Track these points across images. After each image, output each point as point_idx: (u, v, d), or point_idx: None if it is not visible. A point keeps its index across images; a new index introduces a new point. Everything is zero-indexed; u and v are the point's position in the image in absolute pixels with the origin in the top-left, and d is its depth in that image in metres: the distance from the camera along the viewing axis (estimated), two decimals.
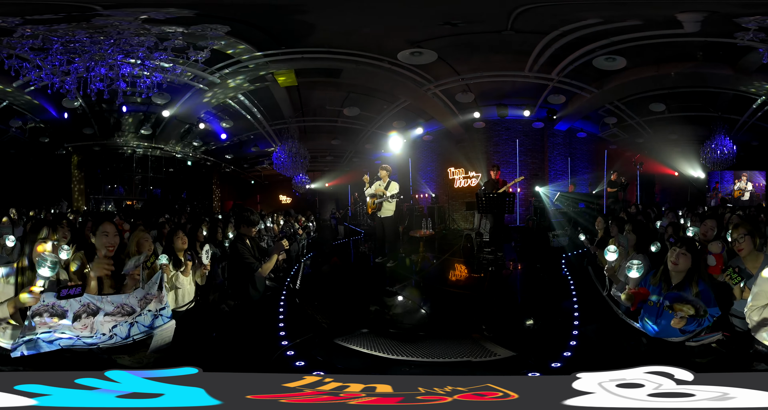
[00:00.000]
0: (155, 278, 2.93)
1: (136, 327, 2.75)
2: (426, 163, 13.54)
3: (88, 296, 2.67)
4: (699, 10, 6.72)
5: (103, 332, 2.65)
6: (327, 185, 15.52)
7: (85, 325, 2.63)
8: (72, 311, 2.61)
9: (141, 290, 2.84)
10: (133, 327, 2.74)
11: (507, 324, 4.11)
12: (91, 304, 2.67)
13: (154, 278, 2.93)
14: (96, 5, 5.98)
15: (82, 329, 2.61)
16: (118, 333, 2.68)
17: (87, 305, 2.65)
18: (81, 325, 2.62)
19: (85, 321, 2.64)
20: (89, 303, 2.66)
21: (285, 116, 11.76)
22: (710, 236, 4.07)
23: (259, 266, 4.16)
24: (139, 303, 2.81)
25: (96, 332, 2.64)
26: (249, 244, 4.34)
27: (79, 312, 2.63)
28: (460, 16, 7.22)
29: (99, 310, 2.67)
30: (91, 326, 2.64)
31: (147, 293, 2.85)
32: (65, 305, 2.59)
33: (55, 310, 2.57)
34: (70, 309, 2.60)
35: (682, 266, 2.98)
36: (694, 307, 2.77)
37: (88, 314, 2.65)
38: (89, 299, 2.67)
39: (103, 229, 2.90)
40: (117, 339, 2.67)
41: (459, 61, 9.17)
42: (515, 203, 8.80)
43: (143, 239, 3.37)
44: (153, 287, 2.90)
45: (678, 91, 10.25)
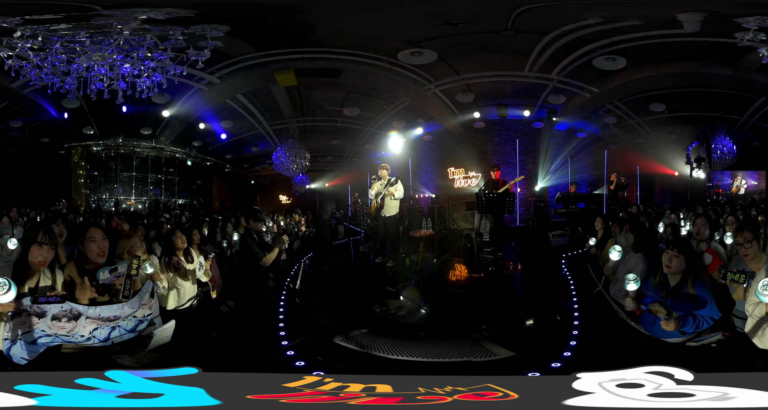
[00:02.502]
0: (146, 287, 2.85)
1: (117, 330, 2.66)
2: (426, 163, 13.54)
3: (71, 303, 2.59)
4: (699, 10, 6.73)
5: (82, 334, 2.57)
6: (327, 185, 15.52)
7: (64, 327, 2.56)
8: (51, 312, 2.54)
9: (135, 301, 2.75)
10: (114, 330, 2.66)
11: (507, 324, 4.11)
12: (74, 310, 2.59)
13: (146, 286, 2.86)
14: (96, 5, 5.98)
15: (60, 329, 2.55)
16: (97, 335, 2.60)
17: (69, 310, 2.58)
18: (60, 325, 2.55)
19: (65, 324, 2.57)
20: (71, 309, 2.58)
21: (285, 116, 11.76)
22: (704, 233, 4.08)
23: (263, 255, 4.77)
24: (132, 313, 2.73)
25: (75, 333, 2.57)
26: (256, 238, 4.90)
27: (59, 314, 2.55)
28: (460, 16, 7.22)
29: (80, 315, 2.59)
30: (70, 328, 2.57)
31: (140, 303, 2.77)
32: (44, 307, 2.52)
33: (34, 310, 2.51)
34: (49, 311, 2.54)
35: (675, 268, 2.99)
36: (665, 308, 2.80)
37: (69, 318, 2.57)
38: (72, 305, 2.59)
39: (90, 235, 2.81)
40: (95, 341, 2.59)
41: (459, 61, 9.17)
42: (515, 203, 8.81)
43: (131, 247, 3.32)
44: (145, 295, 2.82)
45: (678, 91, 10.25)
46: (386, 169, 6.83)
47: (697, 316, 2.88)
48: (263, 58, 8.87)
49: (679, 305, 2.94)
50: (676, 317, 2.79)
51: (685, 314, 2.89)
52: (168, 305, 3.74)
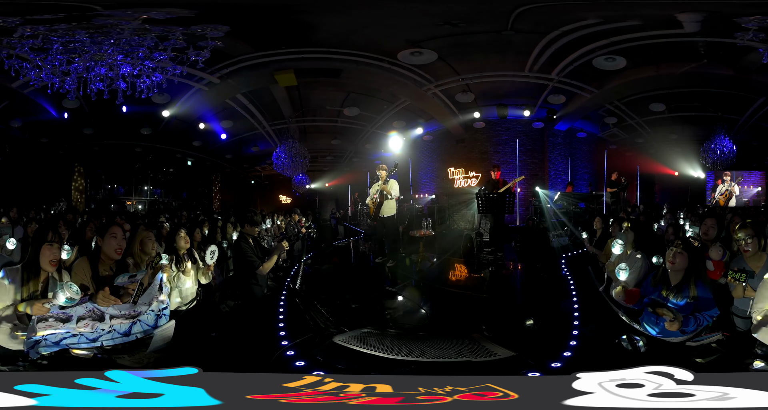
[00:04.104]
0: (156, 280, 2.93)
1: (138, 324, 2.75)
2: (426, 163, 13.54)
3: (94, 304, 2.70)
4: (699, 10, 6.72)
5: (103, 327, 2.66)
6: (327, 185, 15.53)
7: (87, 324, 2.64)
8: (76, 315, 2.63)
9: (146, 296, 2.85)
10: (135, 324, 2.74)
11: (507, 324, 4.11)
12: (96, 310, 2.69)
13: (155, 280, 2.93)
14: (96, 5, 5.98)
15: (84, 327, 2.63)
16: (117, 328, 2.69)
17: (92, 310, 2.68)
18: (83, 323, 2.64)
19: (89, 321, 2.66)
20: (94, 309, 2.68)
21: (285, 116, 11.76)
22: (711, 235, 4.07)
23: (260, 264, 4.32)
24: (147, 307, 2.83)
25: (96, 327, 2.65)
26: (251, 243, 4.47)
27: (84, 316, 2.65)
28: (460, 16, 7.21)
29: (104, 315, 2.70)
30: (93, 325, 2.66)
31: (152, 298, 2.85)
32: (70, 311, 2.61)
33: (59, 316, 2.59)
34: (74, 314, 2.63)
35: (679, 265, 2.99)
36: (671, 311, 2.83)
37: (93, 318, 2.67)
38: (95, 306, 2.69)
39: (112, 231, 2.95)
40: (115, 334, 2.67)
41: (459, 61, 9.17)
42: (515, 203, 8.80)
43: (146, 238, 3.37)
44: (154, 288, 2.89)
45: (678, 91, 10.25)
46: (384, 169, 6.84)
47: (698, 315, 2.88)
48: (263, 58, 8.87)
49: (680, 304, 2.95)
50: (680, 318, 2.80)
51: (686, 313, 2.89)
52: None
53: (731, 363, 2.77)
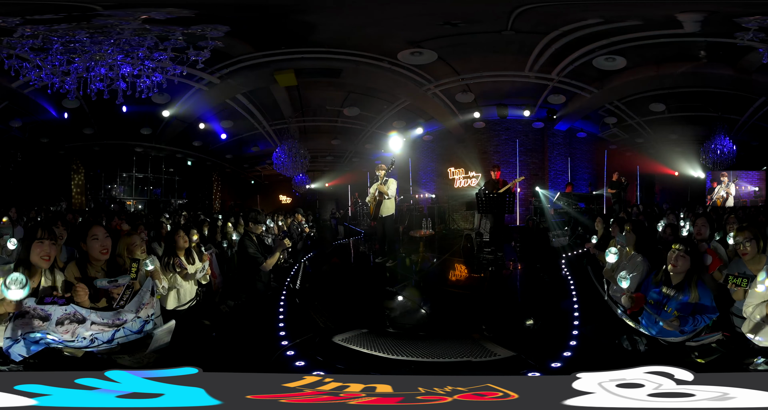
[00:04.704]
0: (146, 286, 2.86)
1: (121, 331, 2.66)
2: (426, 163, 13.54)
3: (75, 306, 2.58)
4: (699, 10, 6.73)
5: (84, 336, 2.57)
6: (327, 185, 15.52)
7: (67, 330, 2.55)
8: (55, 316, 2.53)
9: (135, 303, 2.75)
10: (118, 331, 2.65)
11: (507, 324, 4.11)
12: (78, 313, 2.58)
13: (145, 285, 2.86)
14: (96, 5, 5.98)
15: (64, 333, 2.54)
16: (99, 337, 2.59)
17: (72, 313, 2.57)
18: (63, 330, 2.55)
19: (68, 327, 2.56)
20: (75, 312, 2.58)
21: (285, 116, 11.76)
22: (704, 234, 4.08)
23: (263, 260, 4.54)
24: (133, 315, 2.74)
25: (78, 335, 2.56)
26: (255, 240, 4.65)
27: (62, 318, 2.54)
28: (460, 16, 7.22)
29: (85, 319, 2.59)
30: (73, 331, 2.56)
31: (140, 305, 2.77)
32: (48, 310, 2.52)
33: (37, 313, 2.51)
34: (53, 314, 2.53)
35: (681, 267, 2.99)
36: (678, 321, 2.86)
37: (72, 321, 2.56)
38: (76, 309, 2.58)
39: (93, 233, 2.84)
40: (98, 342, 2.59)
41: (459, 61, 9.17)
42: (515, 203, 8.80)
43: (131, 244, 3.34)
44: (145, 294, 2.82)
45: (678, 91, 10.25)
46: (383, 169, 6.84)
47: (697, 316, 2.89)
48: (263, 58, 8.87)
49: (680, 305, 2.95)
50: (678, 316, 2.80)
51: (685, 314, 2.89)
52: (168, 306, 3.74)
53: (731, 363, 2.77)
